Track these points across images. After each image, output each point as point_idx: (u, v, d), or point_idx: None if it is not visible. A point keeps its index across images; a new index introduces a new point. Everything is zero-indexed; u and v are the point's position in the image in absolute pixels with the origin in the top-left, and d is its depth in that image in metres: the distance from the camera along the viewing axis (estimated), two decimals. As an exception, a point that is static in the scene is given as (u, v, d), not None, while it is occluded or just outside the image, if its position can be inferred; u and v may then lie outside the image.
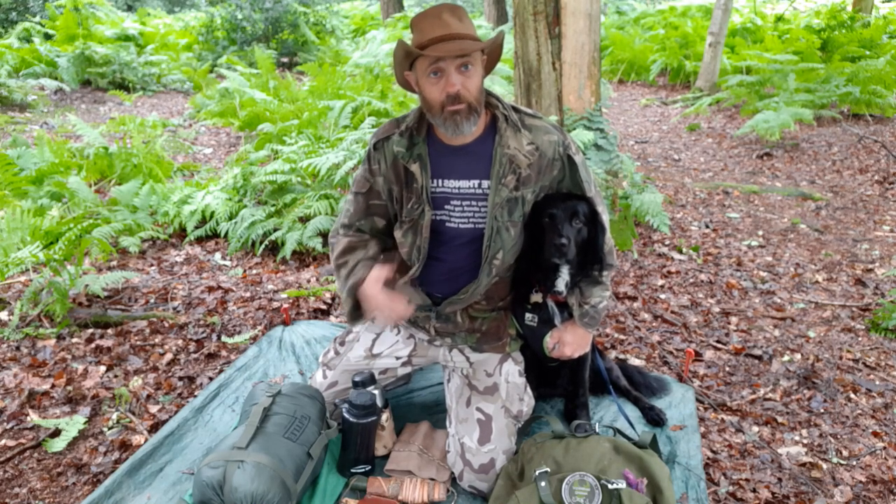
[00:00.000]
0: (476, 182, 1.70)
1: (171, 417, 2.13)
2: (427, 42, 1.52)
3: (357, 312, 1.79)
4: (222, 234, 3.66)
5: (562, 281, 1.78)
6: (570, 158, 1.71)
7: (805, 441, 2.11)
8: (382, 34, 10.93)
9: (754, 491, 1.87)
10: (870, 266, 3.66)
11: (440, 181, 1.71)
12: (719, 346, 2.74)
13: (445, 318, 1.87)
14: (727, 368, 2.56)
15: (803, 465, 1.99)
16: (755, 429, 2.17)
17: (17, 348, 2.53)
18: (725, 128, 7.46)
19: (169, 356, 2.52)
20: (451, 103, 1.55)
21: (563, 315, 1.86)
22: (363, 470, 1.82)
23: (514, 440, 1.82)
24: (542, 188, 1.74)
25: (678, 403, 2.21)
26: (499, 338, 1.91)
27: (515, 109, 1.72)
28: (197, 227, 3.74)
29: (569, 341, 1.84)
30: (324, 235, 3.54)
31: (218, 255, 3.56)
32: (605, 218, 1.78)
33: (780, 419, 2.22)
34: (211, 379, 2.38)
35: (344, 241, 1.81)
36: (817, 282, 3.45)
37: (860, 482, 1.92)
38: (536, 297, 1.85)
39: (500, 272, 1.79)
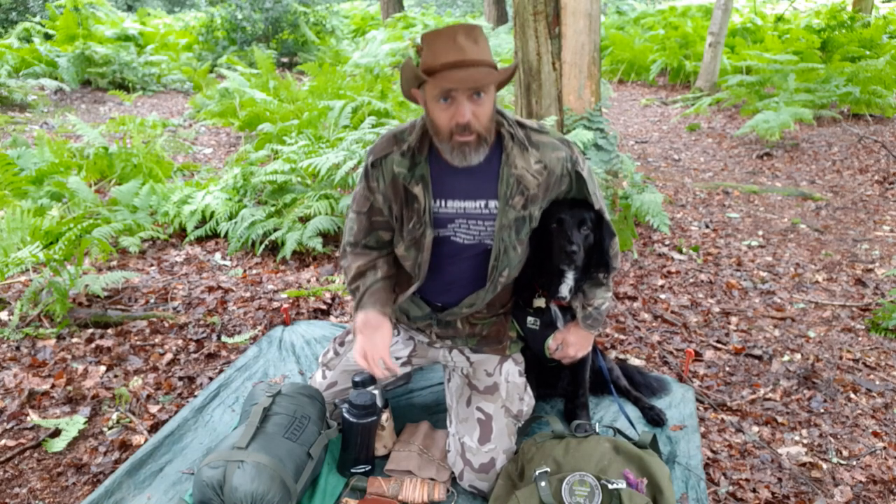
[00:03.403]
0: (482, 202, 1.66)
1: (171, 417, 2.13)
2: (439, 67, 1.44)
3: None
4: (222, 234, 3.66)
5: (566, 287, 1.79)
6: (577, 174, 1.69)
7: (805, 441, 2.11)
8: (382, 34, 10.93)
9: (754, 491, 1.87)
10: (870, 266, 3.66)
11: (443, 202, 1.67)
12: (719, 346, 2.74)
13: (446, 325, 1.88)
14: (727, 368, 2.56)
15: (803, 465, 1.99)
16: (755, 429, 2.17)
17: (17, 348, 2.53)
18: (725, 128, 7.46)
19: (169, 356, 2.52)
20: (461, 133, 1.49)
21: (566, 318, 1.87)
22: (363, 470, 1.82)
23: (514, 440, 1.82)
24: (548, 201, 1.73)
25: (678, 403, 2.21)
26: (499, 341, 1.91)
27: (521, 125, 1.67)
28: (197, 227, 3.74)
29: (572, 342, 1.85)
30: (324, 235, 3.54)
31: (218, 255, 3.56)
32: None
33: (780, 419, 2.22)
34: (211, 379, 2.38)
35: (354, 266, 1.78)
36: (817, 282, 3.45)
37: (860, 482, 1.92)
38: (539, 302, 1.85)
39: (504, 285, 1.79)
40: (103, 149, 4.51)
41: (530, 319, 1.89)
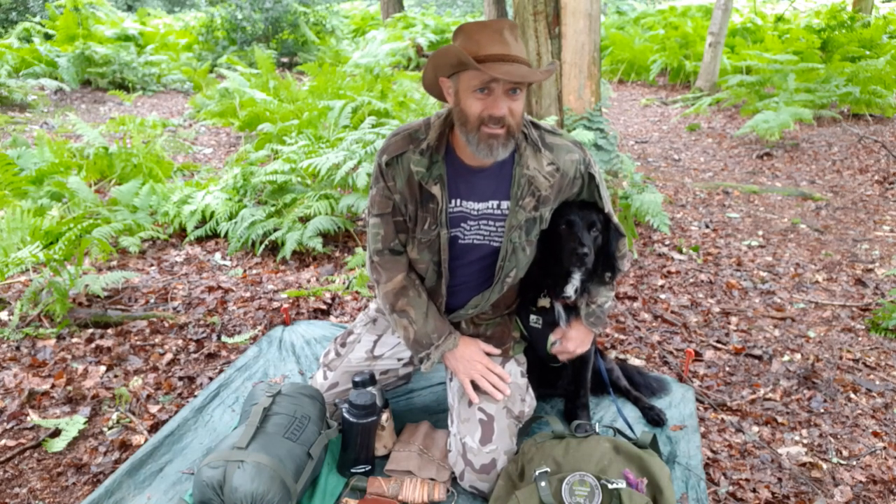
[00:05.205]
0: (495, 203, 1.67)
1: (171, 417, 2.13)
2: (484, 57, 1.44)
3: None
4: (222, 234, 3.66)
5: (571, 287, 1.79)
6: (591, 176, 1.70)
7: (805, 441, 2.11)
8: (382, 34, 10.93)
9: (754, 491, 1.87)
10: (870, 266, 3.66)
11: (458, 201, 1.67)
12: (719, 346, 2.74)
13: None
14: (727, 368, 2.56)
15: (803, 465, 1.99)
16: (755, 429, 2.17)
17: (17, 348, 2.53)
18: (725, 128, 7.46)
19: (169, 356, 2.52)
20: (492, 125, 1.49)
21: (569, 317, 1.87)
22: (363, 470, 1.82)
23: (515, 440, 1.82)
24: (558, 203, 1.74)
25: (678, 403, 2.21)
26: (503, 342, 1.91)
27: (535, 126, 1.68)
28: (197, 227, 3.74)
29: (572, 337, 1.86)
30: (324, 235, 3.53)
31: (218, 255, 3.56)
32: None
33: (780, 419, 2.22)
34: (211, 379, 2.38)
35: (390, 285, 1.76)
36: (817, 282, 3.45)
37: (860, 482, 1.92)
38: (544, 302, 1.86)
39: (510, 286, 1.80)
40: (103, 149, 4.51)
41: (533, 318, 1.89)
